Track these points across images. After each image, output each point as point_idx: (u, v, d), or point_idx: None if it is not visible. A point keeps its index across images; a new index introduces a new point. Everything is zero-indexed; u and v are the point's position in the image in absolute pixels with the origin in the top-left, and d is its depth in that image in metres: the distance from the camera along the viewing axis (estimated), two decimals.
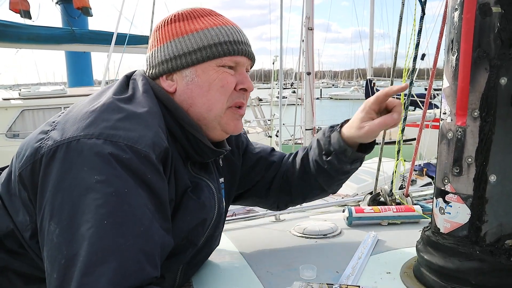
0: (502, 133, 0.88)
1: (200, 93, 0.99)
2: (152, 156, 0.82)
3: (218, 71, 0.99)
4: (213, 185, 1.06)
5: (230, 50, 0.99)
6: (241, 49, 1.01)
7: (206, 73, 0.99)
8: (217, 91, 0.99)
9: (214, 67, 0.99)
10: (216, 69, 0.99)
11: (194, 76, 0.99)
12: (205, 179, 1.04)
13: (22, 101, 7.59)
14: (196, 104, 1.00)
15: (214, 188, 1.06)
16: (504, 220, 0.91)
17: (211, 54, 0.98)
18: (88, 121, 0.83)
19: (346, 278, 1.06)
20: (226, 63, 1.00)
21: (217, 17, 1.03)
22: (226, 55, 0.99)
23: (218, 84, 0.99)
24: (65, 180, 0.77)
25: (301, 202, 1.40)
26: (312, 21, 6.06)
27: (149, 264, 0.77)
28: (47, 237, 0.77)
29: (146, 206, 0.80)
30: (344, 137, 1.16)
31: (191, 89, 0.99)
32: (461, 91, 0.90)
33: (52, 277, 0.74)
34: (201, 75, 0.99)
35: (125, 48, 6.60)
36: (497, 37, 0.85)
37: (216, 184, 1.09)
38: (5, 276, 0.92)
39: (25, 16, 8.51)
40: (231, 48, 0.99)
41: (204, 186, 1.03)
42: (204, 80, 0.99)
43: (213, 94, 0.99)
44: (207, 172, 1.07)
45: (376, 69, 16.62)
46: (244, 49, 1.02)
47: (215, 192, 1.06)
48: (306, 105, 6.16)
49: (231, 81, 1.01)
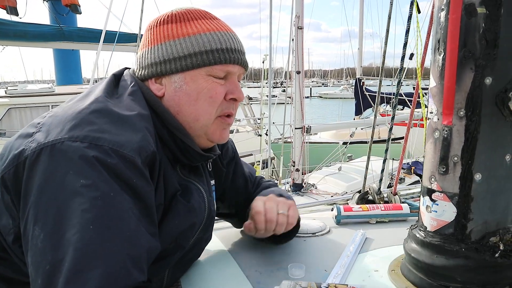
0: (487, 132, 0.89)
1: (188, 102, 0.97)
2: (137, 161, 0.81)
3: (208, 80, 0.96)
4: (203, 188, 1.05)
5: (221, 58, 0.96)
6: (233, 57, 0.98)
7: (195, 81, 0.96)
8: (205, 101, 0.97)
9: (204, 76, 0.96)
10: (205, 78, 0.96)
11: (183, 83, 0.96)
12: (195, 182, 1.03)
13: (9, 99, 7.48)
14: (183, 112, 0.97)
15: (204, 191, 1.05)
16: (489, 218, 0.92)
17: (201, 62, 0.95)
18: (74, 123, 0.81)
19: (334, 277, 1.06)
20: (216, 73, 0.97)
21: (212, 21, 1.00)
22: (217, 64, 0.96)
23: (207, 94, 0.96)
24: (50, 183, 0.76)
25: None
26: (302, 20, 6.07)
27: (136, 269, 0.76)
28: (31, 242, 0.75)
29: (132, 211, 0.79)
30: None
31: (179, 96, 0.97)
32: (447, 91, 0.91)
33: (37, 282, 0.72)
34: (189, 82, 0.96)
35: (115, 46, 6.55)
36: (482, 37, 0.86)
37: (207, 186, 1.08)
38: None
39: (12, 13, 8.36)
40: (223, 56, 0.96)
41: (194, 189, 1.02)
42: (193, 88, 0.96)
43: (201, 104, 0.97)
44: (196, 175, 1.06)
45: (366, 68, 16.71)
46: (237, 58, 0.99)
47: (205, 195, 1.05)
48: (295, 104, 6.16)
49: (220, 92, 0.98)
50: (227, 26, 1.02)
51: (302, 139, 6.23)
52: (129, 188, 0.80)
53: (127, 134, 0.82)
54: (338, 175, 6.92)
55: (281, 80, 10.38)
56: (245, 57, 1.04)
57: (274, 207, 1.15)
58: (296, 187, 6.18)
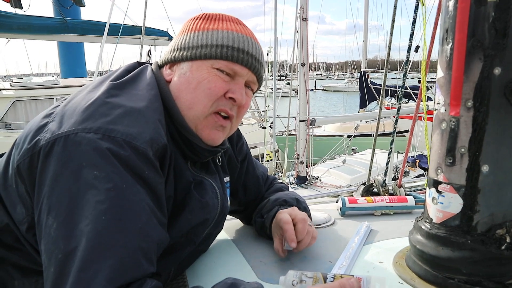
0: (495, 123, 0.88)
1: (187, 88, 0.97)
2: (149, 153, 0.82)
3: (211, 72, 0.96)
4: (216, 185, 1.05)
5: (228, 55, 0.96)
6: (242, 58, 0.97)
7: (199, 71, 0.97)
8: (203, 92, 0.96)
9: (209, 67, 0.97)
10: (209, 70, 0.96)
11: (188, 71, 0.98)
12: (207, 178, 1.04)
13: (14, 92, 7.51)
14: (179, 98, 0.97)
15: (217, 188, 1.06)
16: (496, 210, 0.92)
17: (208, 54, 0.96)
18: (87, 114, 0.82)
19: (339, 268, 1.06)
20: (220, 67, 0.97)
21: (237, 25, 1.01)
22: (222, 59, 0.96)
23: (206, 85, 0.96)
24: (63, 174, 0.77)
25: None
26: (307, 12, 6.03)
27: (146, 260, 0.77)
28: (44, 231, 0.76)
29: (144, 202, 0.80)
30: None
31: (181, 82, 0.98)
32: (455, 81, 0.90)
33: (50, 270, 0.74)
34: (194, 71, 0.97)
35: (119, 38, 6.54)
36: (491, 26, 0.85)
37: (219, 183, 1.08)
38: (3, 269, 0.91)
39: (16, 6, 8.36)
40: (231, 53, 0.96)
41: (208, 185, 1.03)
42: (195, 76, 0.97)
43: (198, 94, 0.96)
44: (208, 172, 1.06)
45: (370, 61, 16.63)
46: (246, 60, 0.98)
47: (218, 192, 1.06)
48: (300, 96, 6.15)
49: (220, 86, 0.97)
50: (252, 33, 1.03)
51: (307, 131, 6.22)
52: (141, 180, 0.80)
53: (139, 126, 0.83)
54: (342, 168, 6.92)
55: (285, 73, 10.33)
56: (259, 66, 1.02)
57: (306, 220, 1.14)
58: (300, 180, 6.19)
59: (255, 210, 1.32)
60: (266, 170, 1.43)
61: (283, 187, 1.42)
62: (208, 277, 1.06)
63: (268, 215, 1.22)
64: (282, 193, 1.33)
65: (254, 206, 1.33)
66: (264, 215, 1.24)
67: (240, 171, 1.29)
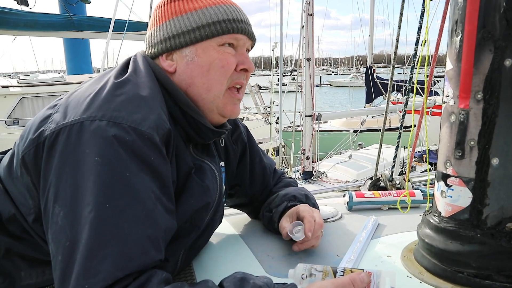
0: (505, 116, 0.87)
1: (200, 73, 0.98)
2: (156, 138, 0.82)
3: (219, 51, 0.98)
4: (215, 168, 1.06)
5: (229, 28, 0.98)
6: (241, 27, 1.00)
7: (207, 52, 0.98)
8: (217, 71, 0.98)
9: (215, 47, 0.98)
10: (217, 49, 0.98)
11: (194, 56, 0.98)
12: (207, 161, 1.04)
13: (21, 89, 7.54)
14: (195, 84, 0.99)
15: (216, 171, 1.06)
16: (506, 203, 0.91)
17: (209, 33, 0.97)
18: (91, 103, 0.82)
19: (346, 262, 1.06)
20: (226, 41, 0.99)
21: None
22: (225, 33, 0.98)
23: (219, 64, 0.98)
24: (68, 162, 0.77)
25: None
26: (312, 7, 6.00)
27: (153, 248, 0.77)
28: (51, 220, 0.77)
29: (150, 189, 0.80)
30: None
31: (192, 68, 0.98)
32: (464, 73, 0.89)
33: (57, 259, 0.74)
34: (201, 54, 0.98)
35: (125, 34, 6.54)
36: (502, 17, 0.84)
37: (218, 166, 1.08)
38: (10, 259, 0.92)
39: (22, 3, 8.39)
40: (230, 26, 0.98)
41: (207, 169, 1.03)
42: (205, 59, 0.98)
43: (213, 75, 0.98)
44: (209, 155, 1.07)
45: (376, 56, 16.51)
46: (244, 28, 1.01)
47: (217, 175, 1.06)
48: (306, 91, 6.13)
49: (231, 62, 1.00)
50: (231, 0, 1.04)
51: (313, 127, 6.20)
52: (147, 166, 0.81)
53: (143, 112, 0.83)
54: (349, 163, 6.89)
55: (291, 68, 10.29)
56: (252, 29, 1.05)
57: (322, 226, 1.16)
58: (306, 175, 6.18)
59: (262, 204, 1.32)
60: (274, 163, 1.43)
61: (291, 182, 1.41)
62: (216, 271, 1.07)
63: (276, 210, 1.22)
64: (291, 188, 1.33)
65: (262, 200, 1.32)
66: (272, 209, 1.24)
67: (244, 159, 1.29)
